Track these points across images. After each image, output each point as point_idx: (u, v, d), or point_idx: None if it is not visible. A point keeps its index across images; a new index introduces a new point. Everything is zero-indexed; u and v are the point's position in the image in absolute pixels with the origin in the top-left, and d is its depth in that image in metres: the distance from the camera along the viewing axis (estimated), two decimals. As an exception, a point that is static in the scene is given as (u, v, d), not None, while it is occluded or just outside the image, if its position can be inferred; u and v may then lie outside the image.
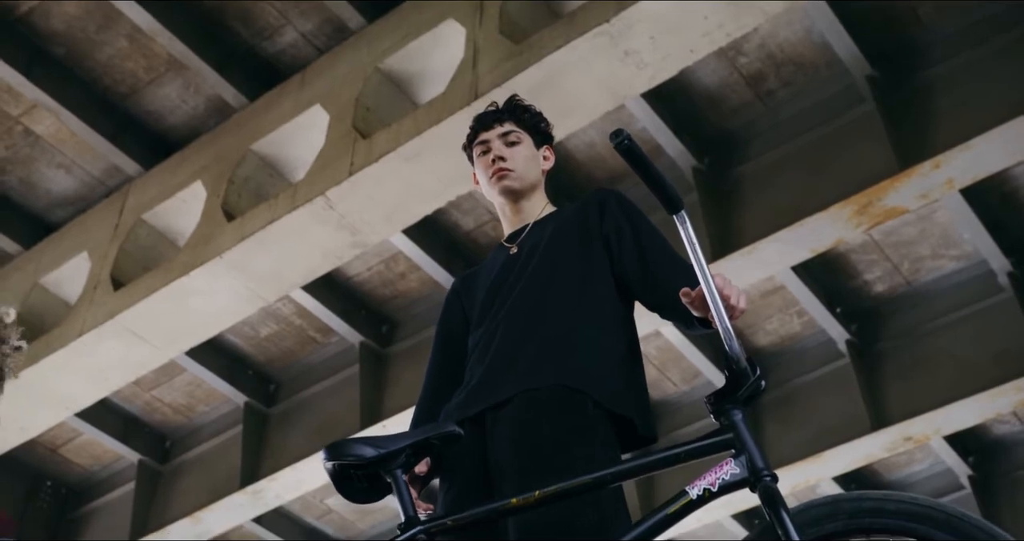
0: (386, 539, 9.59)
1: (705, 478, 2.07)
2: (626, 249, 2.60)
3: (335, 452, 2.19)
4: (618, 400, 2.43)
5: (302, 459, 7.89)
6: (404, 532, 2.15)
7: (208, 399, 8.76)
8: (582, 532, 2.17)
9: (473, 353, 2.63)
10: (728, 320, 2.14)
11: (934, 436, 7.83)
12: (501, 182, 2.79)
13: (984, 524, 1.92)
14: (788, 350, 8.20)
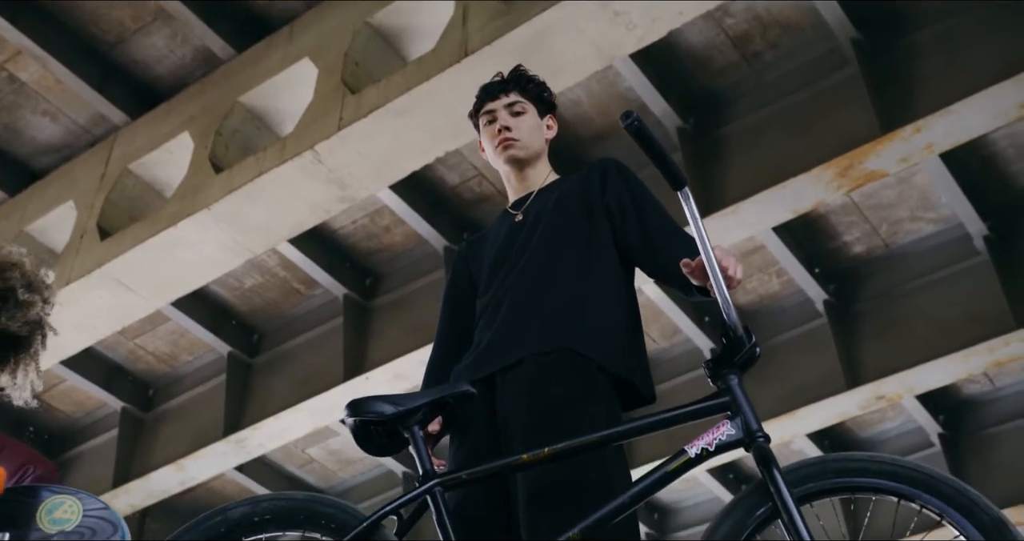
0: (366, 489, 9.78)
1: (703, 438, 2.22)
2: (628, 219, 2.72)
3: (357, 409, 2.34)
4: (621, 364, 2.57)
5: (286, 409, 8.02)
6: (422, 484, 2.29)
7: (192, 348, 8.85)
8: (587, 487, 2.31)
9: (482, 317, 2.76)
10: (726, 290, 2.27)
11: (906, 395, 8.04)
12: (507, 151, 2.91)
13: (960, 484, 2.11)
14: (767, 309, 8.36)
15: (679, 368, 8.30)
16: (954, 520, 2.06)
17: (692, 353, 8.38)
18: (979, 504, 2.06)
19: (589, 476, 2.33)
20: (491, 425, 2.53)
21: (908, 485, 2.10)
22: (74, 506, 1.95)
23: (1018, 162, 7.39)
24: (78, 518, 1.95)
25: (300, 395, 8.03)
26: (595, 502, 2.21)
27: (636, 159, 7.14)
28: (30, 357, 2.37)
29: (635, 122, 2.24)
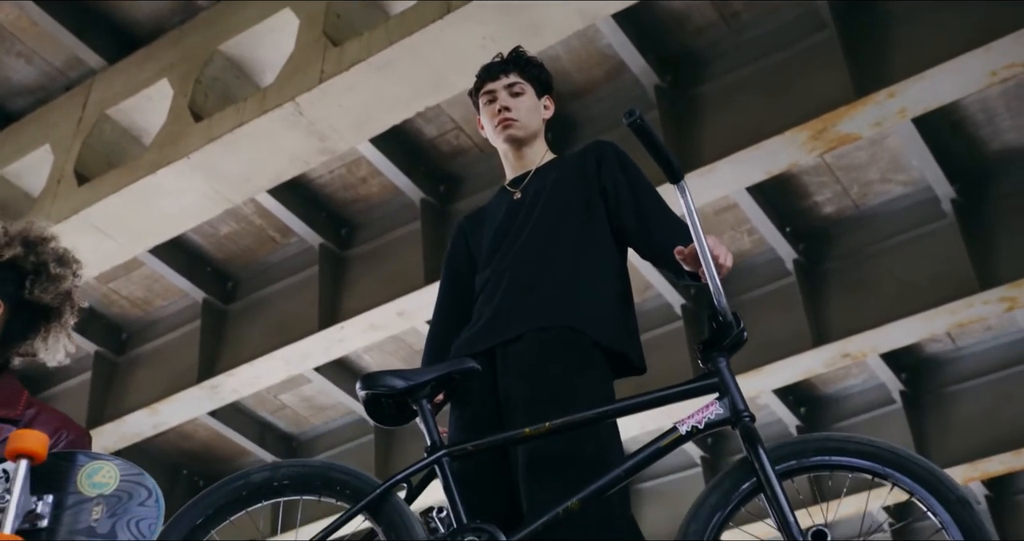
0: (337, 436, 9.93)
1: (693, 417, 2.38)
2: (624, 202, 2.86)
3: (370, 383, 2.49)
4: (615, 339, 2.73)
5: (260, 356, 8.13)
6: (430, 455, 2.45)
7: (166, 294, 8.92)
8: (584, 459, 2.47)
9: (482, 292, 2.89)
10: (718, 277, 2.42)
11: (871, 354, 8.26)
12: (506, 131, 3.03)
13: (929, 465, 2.27)
14: (737, 266, 8.50)
15: (651, 323, 8.45)
16: (922, 498, 2.22)
17: (663, 308, 8.54)
18: (946, 484, 2.21)
19: (586, 449, 2.48)
20: (492, 396, 2.67)
21: (882, 465, 2.28)
22: (112, 471, 2.07)
23: (987, 127, 7.54)
24: (115, 482, 2.06)
25: (274, 343, 8.14)
26: (591, 473, 2.36)
27: (615, 115, 7.27)
28: (61, 326, 2.51)
29: (638, 120, 2.36)
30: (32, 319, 2.46)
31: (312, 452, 9.98)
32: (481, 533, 2.28)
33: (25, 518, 1.94)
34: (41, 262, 2.51)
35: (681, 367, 7.94)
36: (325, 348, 8.05)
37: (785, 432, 9.65)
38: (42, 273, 2.49)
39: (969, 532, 2.11)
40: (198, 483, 10.21)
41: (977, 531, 2.11)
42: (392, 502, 2.39)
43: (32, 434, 2.02)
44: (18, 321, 2.47)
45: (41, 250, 2.52)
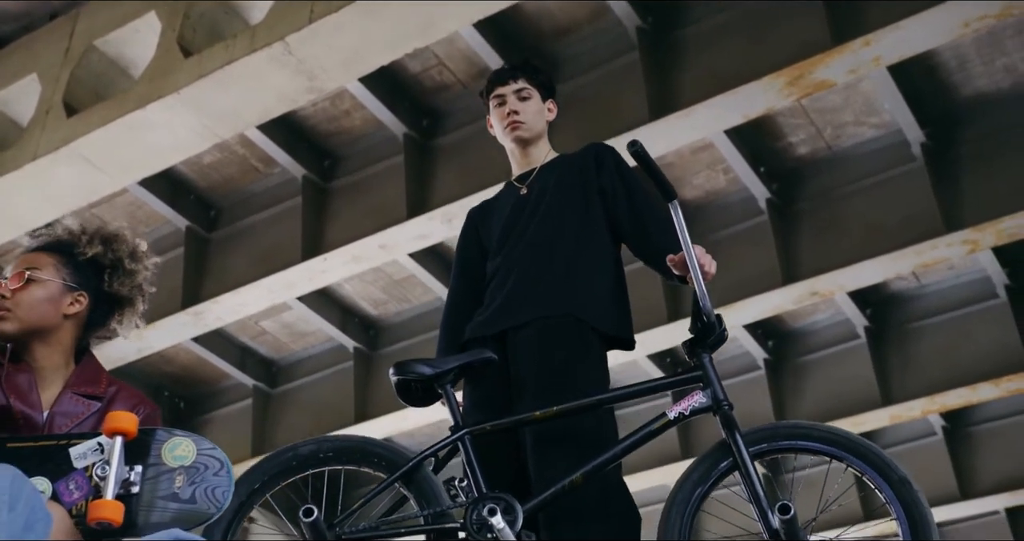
0: (317, 362, 10.23)
1: (680, 405, 2.74)
2: (620, 205, 3.21)
3: (401, 370, 2.89)
4: (611, 324, 3.12)
5: (244, 285, 8.37)
6: (454, 433, 2.81)
7: (149, 221, 9.09)
8: (586, 439, 2.83)
9: (493, 279, 3.24)
10: (703, 283, 2.77)
11: (838, 292, 8.62)
12: (514, 132, 3.38)
13: (878, 451, 2.61)
14: (712, 204, 8.80)
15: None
16: (871, 477, 2.58)
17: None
18: (890, 465, 2.57)
19: (587, 430, 2.86)
20: (503, 377, 3.02)
21: (839, 449, 2.64)
22: (190, 446, 2.37)
23: (959, 74, 7.80)
24: (193, 455, 2.36)
25: (258, 272, 8.37)
26: (592, 451, 2.73)
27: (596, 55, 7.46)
28: (133, 312, 2.79)
29: (639, 149, 2.73)
30: (110, 308, 2.73)
31: (292, 378, 10.28)
32: (499, 501, 2.61)
33: (121, 485, 2.27)
34: (117, 258, 2.76)
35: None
36: (308, 278, 8.30)
37: (753, 364, 10.05)
38: (118, 268, 2.75)
39: (907, 506, 2.47)
40: (179, 405, 10.52)
41: (914, 506, 2.46)
42: (422, 473, 2.74)
43: (126, 415, 2.32)
44: (99, 310, 2.75)
45: (116, 247, 2.78)
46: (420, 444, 11.41)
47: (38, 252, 2.70)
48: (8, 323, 2.56)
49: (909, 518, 2.43)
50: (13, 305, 2.58)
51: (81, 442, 2.33)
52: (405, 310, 9.90)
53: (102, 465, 2.27)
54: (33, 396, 2.49)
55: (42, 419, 2.48)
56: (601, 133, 7.08)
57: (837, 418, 9.57)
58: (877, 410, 9.45)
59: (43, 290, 2.63)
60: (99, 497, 2.23)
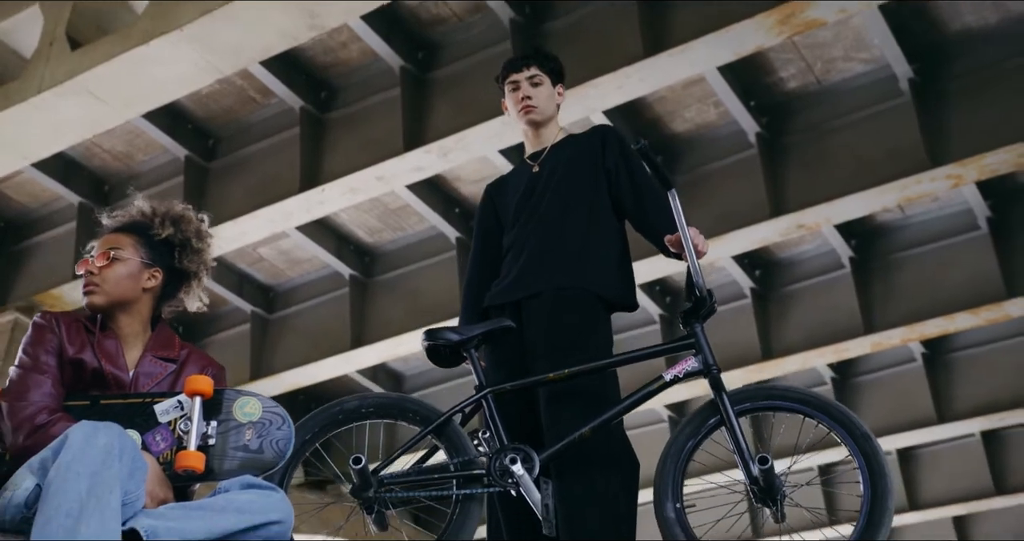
0: (313, 288, 10.54)
1: (675, 368, 3.11)
2: (623, 185, 3.57)
3: (432, 337, 3.29)
4: (616, 293, 3.49)
5: (243, 215, 8.62)
6: (478, 392, 3.18)
7: (147, 149, 9.31)
8: (593, 397, 3.20)
9: (509, 252, 3.60)
10: (697, 261, 3.15)
11: (824, 225, 8.93)
12: (528, 115, 3.75)
13: (845, 410, 2.99)
14: (702, 137, 9.06)
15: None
16: (838, 433, 2.96)
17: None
18: (855, 423, 2.95)
19: (595, 390, 3.23)
20: (519, 341, 3.39)
21: (811, 408, 3.03)
22: (257, 404, 2.75)
23: (948, 9, 8.03)
24: (260, 413, 2.74)
25: (256, 202, 8.62)
26: (599, 408, 3.12)
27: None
28: (199, 284, 3.16)
29: (643, 148, 3.12)
30: (180, 282, 3.07)
31: (289, 303, 10.60)
32: (519, 451, 3.01)
33: (200, 438, 2.65)
34: (186, 238, 3.08)
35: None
36: (307, 209, 8.57)
37: (740, 293, 10.40)
38: (187, 247, 3.07)
39: (867, 457, 2.87)
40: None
41: (873, 457, 2.85)
42: (452, 426, 3.13)
43: (204, 379, 2.71)
44: (171, 284, 3.09)
45: (185, 228, 3.09)
46: (413, 368, 11.83)
47: (119, 233, 3.01)
48: (97, 296, 2.88)
49: (869, 468, 2.82)
50: (101, 281, 2.89)
51: (163, 400, 2.70)
52: (400, 238, 10.19)
53: (184, 421, 2.65)
54: (120, 359, 2.82)
55: (128, 379, 2.82)
56: (598, 69, 7.34)
57: (820, 346, 9.99)
58: (859, 338, 9.84)
59: (125, 267, 2.95)
60: (183, 448, 2.62)
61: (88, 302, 2.90)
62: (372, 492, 2.93)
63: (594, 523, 2.98)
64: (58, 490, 2.18)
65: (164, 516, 2.35)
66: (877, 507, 2.71)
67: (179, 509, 2.41)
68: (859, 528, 2.71)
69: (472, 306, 3.63)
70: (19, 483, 2.32)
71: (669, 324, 10.55)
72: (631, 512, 3.08)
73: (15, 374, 2.71)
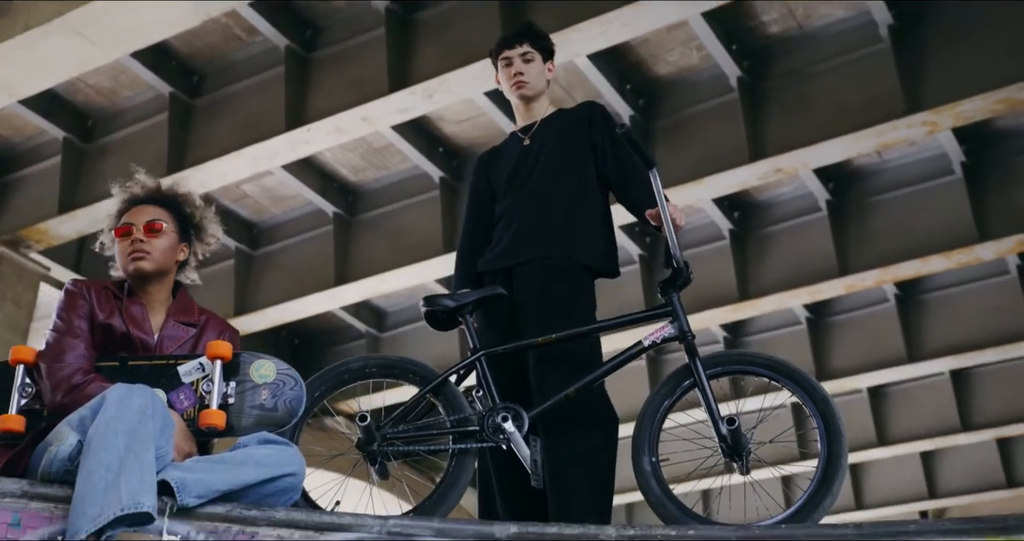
0: (296, 225, 10.75)
1: (653, 334, 3.36)
2: (608, 160, 3.79)
3: (430, 303, 3.51)
4: (601, 262, 3.73)
5: (227, 153, 8.80)
6: (472, 355, 3.42)
7: (132, 85, 9.43)
8: (578, 360, 3.45)
9: (501, 220, 3.83)
10: (675, 234, 3.38)
11: (802, 169, 9.19)
12: (519, 90, 3.93)
13: (804, 373, 3.24)
14: (684, 80, 9.27)
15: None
16: (799, 396, 3.21)
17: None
18: (815, 387, 3.21)
19: (579, 353, 3.48)
20: (509, 305, 3.64)
21: (776, 373, 3.25)
22: (272, 366, 3.02)
23: (930, -41, 8.22)
24: (274, 375, 3.01)
25: (241, 141, 8.78)
26: (582, 370, 3.38)
27: None
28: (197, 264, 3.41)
29: (627, 130, 3.34)
30: (194, 257, 3.29)
31: (272, 240, 10.82)
32: (510, 410, 3.28)
33: (221, 398, 2.92)
34: (208, 222, 3.32)
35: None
36: (292, 148, 8.75)
37: (718, 234, 10.69)
38: (207, 229, 3.31)
39: (824, 418, 3.13)
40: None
41: (830, 419, 3.12)
42: (449, 386, 3.38)
43: (224, 344, 2.97)
44: (192, 259, 3.34)
45: (207, 213, 3.35)
46: (395, 304, 12.12)
47: (157, 207, 3.22)
48: (147, 262, 3.12)
49: (826, 427, 3.09)
50: (151, 248, 3.14)
51: (186, 362, 2.96)
52: (383, 177, 10.39)
53: (206, 382, 2.92)
54: (146, 324, 3.07)
55: (153, 342, 3.06)
56: (582, 13, 7.50)
57: (796, 288, 10.31)
58: (834, 280, 10.17)
59: (167, 240, 3.19)
60: (206, 407, 2.88)
61: (136, 267, 3.12)
62: (376, 446, 3.20)
63: (577, 477, 3.28)
64: (99, 446, 2.44)
65: (191, 469, 2.60)
66: (832, 464, 2.98)
67: (204, 462, 2.68)
68: (815, 482, 3.00)
69: (465, 271, 3.87)
70: (63, 439, 2.57)
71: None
72: (610, 465, 3.37)
73: (51, 337, 2.95)
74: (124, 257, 3.14)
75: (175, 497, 2.51)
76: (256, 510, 2.57)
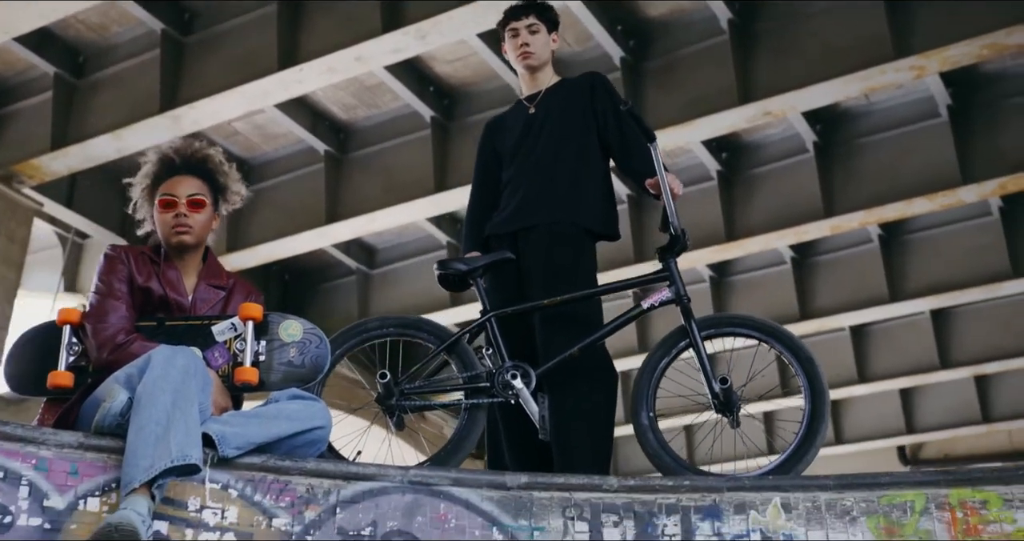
0: (287, 163, 10.92)
1: (651, 298, 3.63)
2: (610, 130, 4.03)
3: (443, 267, 3.80)
4: (603, 226, 4.00)
5: (220, 91, 8.92)
6: (483, 316, 3.69)
7: (122, 21, 9.50)
8: (582, 321, 3.73)
9: (508, 186, 4.09)
10: (673, 203, 3.62)
11: (791, 112, 9.40)
12: (525, 61, 4.17)
13: (791, 334, 3.51)
14: (675, 22, 9.42)
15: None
16: (786, 356, 3.47)
17: (602, 58, 9.42)
18: (801, 347, 3.47)
19: (583, 314, 3.77)
20: (516, 268, 3.90)
21: (764, 334, 3.51)
22: (299, 326, 3.27)
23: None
24: (301, 334, 3.26)
25: (234, 79, 8.90)
26: (586, 330, 3.66)
27: None
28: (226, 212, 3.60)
29: (631, 108, 3.60)
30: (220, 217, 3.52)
31: (263, 177, 10.97)
32: (519, 368, 3.56)
33: (253, 356, 3.18)
34: (234, 181, 3.52)
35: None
36: (284, 88, 8.89)
37: (706, 175, 10.92)
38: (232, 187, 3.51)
39: (809, 377, 3.40)
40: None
41: (815, 378, 3.39)
42: (462, 344, 3.65)
43: (256, 306, 3.22)
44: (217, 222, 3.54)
45: (228, 171, 3.52)
46: (385, 241, 12.34)
47: (199, 180, 3.42)
48: (189, 237, 3.33)
49: (811, 386, 3.36)
50: (193, 223, 3.35)
51: (219, 322, 3.21)
52: (375, 115, 10.54)
53: (239, 341, 3.17)
54: (181, 287, 3.30)
55: (188, 304, 3.30)
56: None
57: (782, 229, 10.58)
58: (820, 221, 10.43)
59: (206, 214, 3.41)
60: (239, 364, 3.15)
61: (179, 241, 3.33)
62: (394, 400, 3.48)
63: (580, 431, 3.57)
64: (148, 403, 2.68)
65: (228, 422, 2.85)
66: (816, 419, 3.27)
67: (240, 416, 2.94)
68: (799, 436, 3.29)
69: (474, 233, 4.13)
70: (114, 395, 2.79)
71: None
72: (610, 419, 3.66)
73: (94, 300, 3.18)
74: (167, 229, 3.35)
75: (216, 449, 2.76)
76: (289, 461, 2.84)
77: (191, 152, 3.49)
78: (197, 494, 2.71)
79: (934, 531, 2.76)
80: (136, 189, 3.51)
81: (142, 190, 3.49)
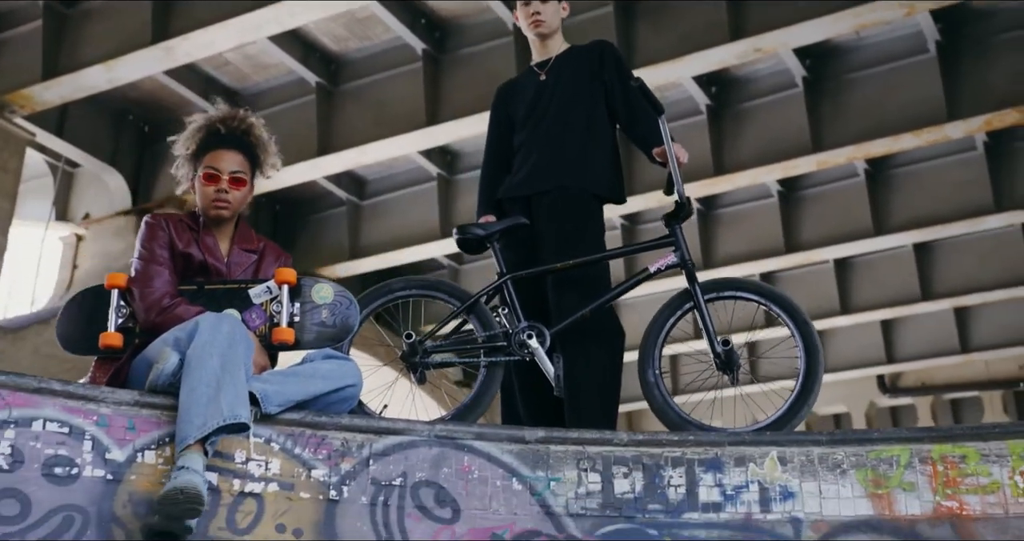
0: (278, 94, 11.04)
1: (658, 262, 3.85)
2: (618, 98, 4.25)
3: (462, 231, 3.99)
4: (610, 191, 4.24)
5: (214, 23, 9.02)
6: (499, 279, 3.90)
7: (111, -48, 9.58)
8: (593, 283, 3.97)
9: (520, 151, 4.31)
10: (678, 171, 3.85)
11: (781, 48, 9.58)
12: (537, 29, 4.38)
13: (789, 297, 3.74)
14: (668, -41, 9.56)
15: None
16: (784, 318, 3.71)
17: None
18: (798, 310, 3.71)
19: (593, 277, 4.01)
20: (529, 232, 4.11)
21: (763, 297, 3.77)
22: (330, 288, 3.50)
23: None
24: (332, 296, 3.48)
25: (226, 11, 8.97)
26: (597, 292, 3.90)
27: None
28: None
29: (640, 85, 3.78)
30: None
31: (255, 108, 10.90)
32: (534, 328, 3.80)
33: (289, 317, 3.41)
34: (272, 154, 3.70)
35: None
36: (277, 20, 8.99)
37: (695, 109, 11.12)
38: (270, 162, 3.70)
39: (804, 338, 3.64)
40: (143, 128, 11.37)
41: (809, 338, 3.63)
42: (480, 305, 3.88)
43: (290, 270, 3.45)
44: None
45: (270, 147, 3.70)
46: (375, 172, 12.53)
47: (241, 155, 3.60)
48: (227, 211, 3.53)
49: (806, 346, 3.61)
50: (232, 199, 3.55)
51: (255, 285, 3.43)
52: (366, 47, 10.66)
53: (275, 303, 3.41)
54: (218, 252, 3.51)
55: (224, 268, 3.51)
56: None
57: (770, 163, 10.83)
58: (807, 156, 10.68)
59: (246, 190, 3.62)
60: (276, 325, 3.38)
61: (217, 214, 3.53)
62: (417, 358, 3.72)
63: (590, 388, 3.84)
64: (198, 366, 2.92)
65: (268, 381, 3.09)
66: (810, 376, 3.53)
67: (278, 375, 3.17)
68: (795, 393, 3.55)
69: (487, 196, 4.36)
70: (166, 357, 3.02)
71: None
72: (617, 376, 3.92)
73: (138, 265, 3.39)
74: (207, 201, 3.54)
75: (259, 406, 3.01)
76: (325, 416, 3.09)
77: (236, 123, 3.68)
78: (243, 448, 2.96)
79: (917, 483, 3.06)
80: (179, 149, 3.67)
81: (186, 154, 3.67)
